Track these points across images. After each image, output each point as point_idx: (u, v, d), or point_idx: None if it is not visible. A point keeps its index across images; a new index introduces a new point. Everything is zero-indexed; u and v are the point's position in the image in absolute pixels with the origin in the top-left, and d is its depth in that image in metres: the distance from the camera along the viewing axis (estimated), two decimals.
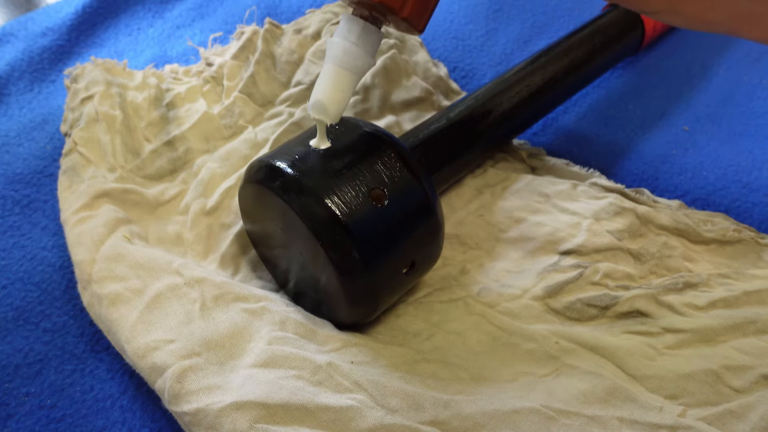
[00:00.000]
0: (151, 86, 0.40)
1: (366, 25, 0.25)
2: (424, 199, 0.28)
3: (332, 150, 0.27)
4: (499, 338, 0.30)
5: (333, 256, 0.26)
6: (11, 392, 0.30)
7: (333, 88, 0.25)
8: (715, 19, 0.21)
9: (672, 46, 0.49)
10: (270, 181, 0.27)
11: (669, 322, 0.30)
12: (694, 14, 0.22)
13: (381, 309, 0.29)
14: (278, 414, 0.25)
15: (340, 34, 0.25)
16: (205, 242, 0.34)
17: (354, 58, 0.25)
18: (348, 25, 0.25)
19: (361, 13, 0.25)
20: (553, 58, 0.39)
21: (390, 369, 0.28)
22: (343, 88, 0.26)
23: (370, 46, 0.25)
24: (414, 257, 0.28)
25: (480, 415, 0.26)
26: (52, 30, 0.51)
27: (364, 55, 0.25)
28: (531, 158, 0.39)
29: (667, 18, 0.23)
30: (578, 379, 0.28)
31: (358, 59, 0.25)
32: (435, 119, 0.35)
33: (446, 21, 0.52)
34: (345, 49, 0.25)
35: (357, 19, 0.25)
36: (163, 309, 0.28)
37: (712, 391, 0.27)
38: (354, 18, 0.25)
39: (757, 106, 0.44)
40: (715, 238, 0.34)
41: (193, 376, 0.26)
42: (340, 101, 0.26)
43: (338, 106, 0.26)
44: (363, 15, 0.25)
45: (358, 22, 0.25)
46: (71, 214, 0.33)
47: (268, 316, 0.29)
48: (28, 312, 0.33)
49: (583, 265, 0.32)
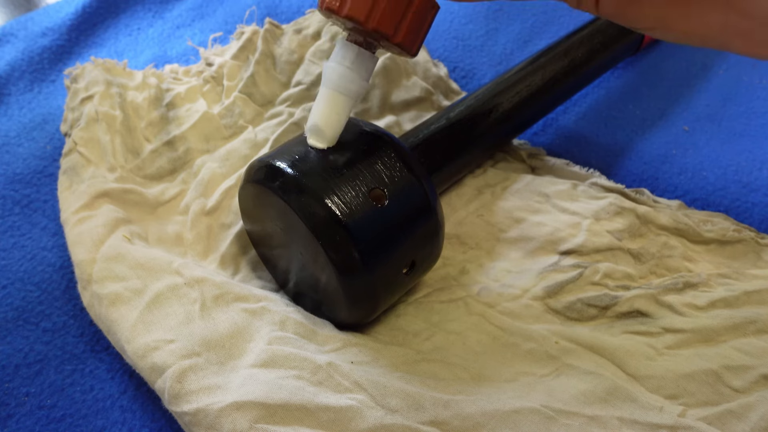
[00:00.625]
0: (151, 86, 0.40)
1: (360, 51, 0.26)
2: (424, 199, 0.28)
3: (332, 150, 0.27)
4: (499, 338, 0.30)
5: (333, 255, 0.26)
6: (11, 392, 0.30)
7: (329, 111, 0.26)
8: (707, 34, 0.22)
9: (672, 46, 0.49)
10: (270, 181, 0.27)
11: (669, 322, 0.30)
12: (685, 30, 0.22)
13: (381, 309, 0.29)
14: (278, 414, 0.25)
15: (336, 59, 0.26)
16: (205, 242, 0.34)
17: (349, 82, 0.26)
18: (343, 50, 0.26)
19: (356, 38, 0.26)
20: (553, 58, 0.39)
21: (390, 369, 0.28)
22: (338, 111, 0.26)
23: (365, 70, 0.26)
24: (414, 257, 0.28)
25: (480, 415, 0.26)
26: (52, 30, 0.51)
27: (359, 80, 0.26)
28: (531, 158, 0.39)
29: (659, 34, 0.23)
30: (578, 379, 0.28)
31: (353, 83, 0.26)
32: (435, 119, 0.35)
33: (446, 21, 0.52)
34: (340, 74, 0.26)
35: (351, 45, 0.26)
36: (163, 309, 0.28)
37: (712, 391, 0.27)
38: (348, 44, 0.26)
39: (757, 106, 0.44)
40: (715, 238, 0.34)
41: (193, 376, 0.26)
42: (336, 125, 0.26)
43: (334, 130, 0.27)
44: (357, 41, 0.26)
45: (353, 47, 0.26)
46: (71, 214, 0.33)
47: (268, 316, 0.29)
48: (28, 312, 0.33)
49: (583, 265, 0.32)
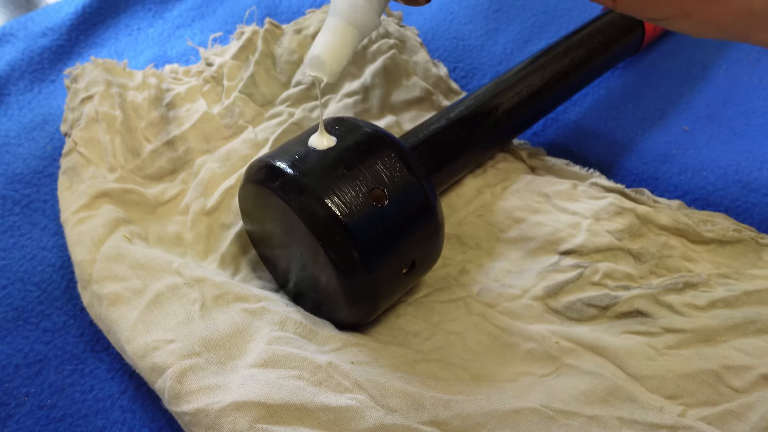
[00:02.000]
0: (151, 86, 0.40)
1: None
2: (424, 200, 0.28)
3: (332, 150, 0.27)
4: (499, 338, 0.30)
5: (333, 256, 0.26)
6: (11, 392, 0.30)
7: (334, 43, 0.23)
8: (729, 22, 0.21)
9: (672, 46, 0.49)
10: (270, 181, 0.27)
11: (669, 322, 0.30)
12: (707, 17, 0.21)
13: (381, 309, 0.29)
14: (278, 414, 0.25)
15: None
16: (205, 242, 0.34)
17: (360, 12, 0.23)
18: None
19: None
20: (554, 58, 0.39)
21: (390, 369, 0.28)
22: (345, 44, 0.24)
23: (377, 2, 0.24)
24: (414, 257, 0.28)
25: (480, 415, 0.26)
26: (52, 30, 0.51)
27: (371, 11, 0.23)
28: (531, 158, 0.39)
29: (677, 24, 0.22)
30: (578, 379, 0.28)
31: (364, 14, 0.23)
32: (435, 119, 0.35)
33: (446, 21, 0.52)
34: (351, 3, 0.23)
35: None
36: (163, 309, 0.28)
37: (712, 391, 0.27)
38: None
39: (757, 106, 0.43)
40: (715, 238, 0.34)
41: (193, 376, 0.26)
42: (340, 58, 0.24)
43: (338, 64, 0.24)
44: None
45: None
46: (71, 214, 0.33)
47: (268, 316, 0.29)
48: (28, 312, 0.33)
49: (582, 265, 0.32)
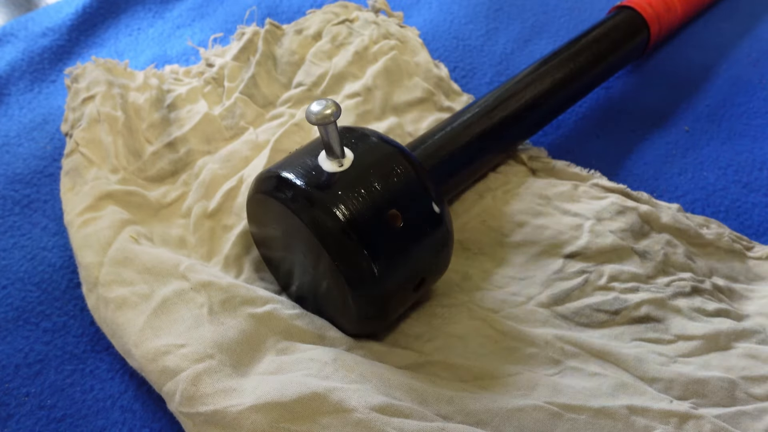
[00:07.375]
0: (152, 87, 0.40)
1: None
2: (440, 223, 0.28)
3: (347, 165, 0.27)
4: (500, 342, 0.30)
5: (348, 274, 0.26)
6: (11, 392, 0.30)
7: None
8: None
9: (672, 47, 0.49)
10: (283, 194, 0.27)
11: (681, 328, 0.30)
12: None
13: (387, 323, 0.30)
14: (296, 409, 0.25)
15: None
16: (208, 245, 0.34)
17: None
18: None
19: None
20: (560, 63, 0.38)
21: (394, 368, 0.28)
22: None
23: None
24: (424, 275, 0.29)
25: (484, 412, 0.26)
26: (52, 30, 0.51)
27: None
28: (531, 160, 0.39)
29: None
30: (582, 379, 0.28)
31: None
32: (442, 127, 0.35)
33: (446, 21, 0.52)
34: None
35: None
36: (170, 314, 0.28)
37: (726, 395, 0.27)
38: None
39: (757, 106, 0.44)
40: (713, 241, 0.34)
41: (208, 379, 0.26)
42: None
43: None
44: None
45: None
46: (76, 216, 0.33)
47: (275, 323, 0.29)
48: (28, 312, 0.33)
49: (587, 270, 0.32)
